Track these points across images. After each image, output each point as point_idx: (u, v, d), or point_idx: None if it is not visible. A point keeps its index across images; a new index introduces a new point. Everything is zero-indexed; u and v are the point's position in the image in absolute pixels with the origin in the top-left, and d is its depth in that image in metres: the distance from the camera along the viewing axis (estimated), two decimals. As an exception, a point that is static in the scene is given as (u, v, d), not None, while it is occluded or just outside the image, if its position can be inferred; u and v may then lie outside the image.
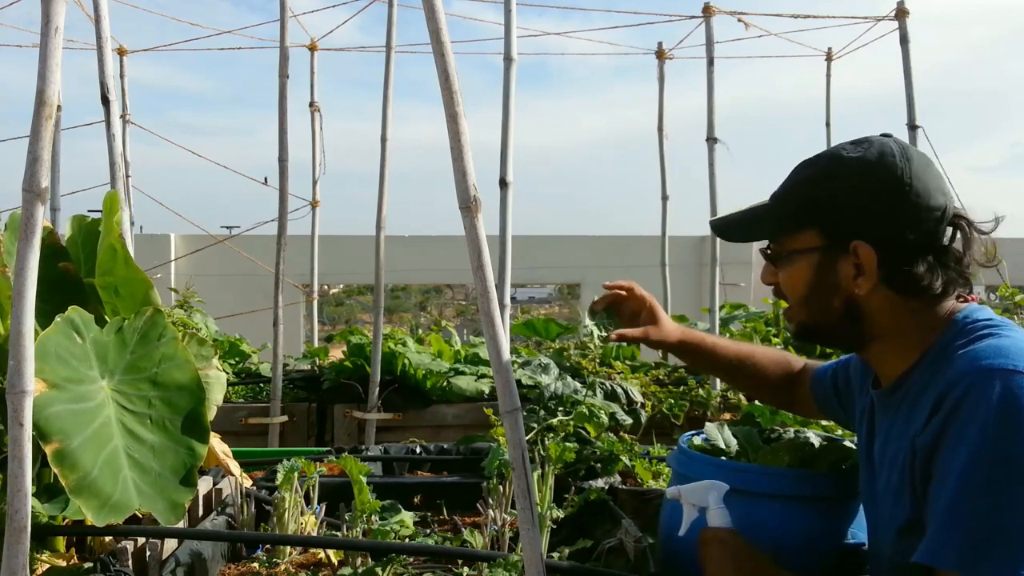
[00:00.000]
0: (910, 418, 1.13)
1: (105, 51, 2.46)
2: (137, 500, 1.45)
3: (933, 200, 1.14)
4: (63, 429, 1.40)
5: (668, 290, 5.13)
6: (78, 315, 1.55)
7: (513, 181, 2.88)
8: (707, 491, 1.35)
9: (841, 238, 1.17)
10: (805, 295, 1.23)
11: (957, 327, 1.14)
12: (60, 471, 1.36)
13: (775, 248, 1.28)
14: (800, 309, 1.26)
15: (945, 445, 1.03)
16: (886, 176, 1.14)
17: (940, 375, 1.09)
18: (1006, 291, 3.97)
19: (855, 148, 1.18)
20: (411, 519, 1.87)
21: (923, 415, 1.08)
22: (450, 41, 1.22)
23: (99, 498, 1.40)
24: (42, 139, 1.17)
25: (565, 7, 4.97)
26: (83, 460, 1.40)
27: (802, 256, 1.22)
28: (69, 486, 1.37)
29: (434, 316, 15.22)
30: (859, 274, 1.16)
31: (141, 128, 5.30)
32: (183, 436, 1.60)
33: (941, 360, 1.12)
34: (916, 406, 1.12)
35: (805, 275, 1.22)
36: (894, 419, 1.19)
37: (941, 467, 1.03)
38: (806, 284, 1.22)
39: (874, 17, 4.65)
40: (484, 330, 1.24)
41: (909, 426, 1.12)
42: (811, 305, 1.24)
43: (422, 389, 3.70)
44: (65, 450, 1.38)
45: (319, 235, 5.16)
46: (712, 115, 3.97)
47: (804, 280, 1.22)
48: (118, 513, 1.41)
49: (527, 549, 1.23)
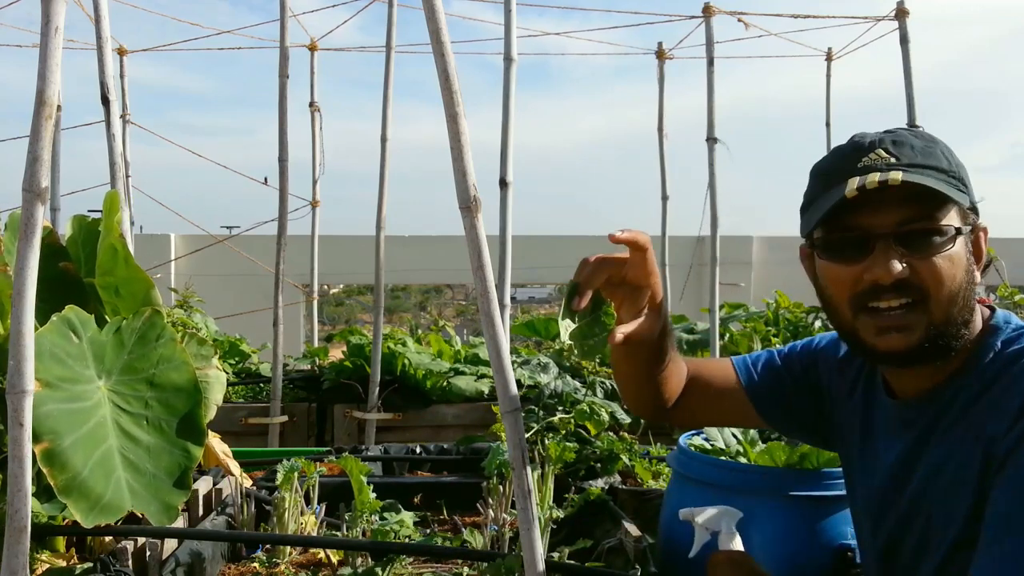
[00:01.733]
0: (967, 424, 1.04)
1: (105, 51, 2.46)
2: (130, 501, 1.45)
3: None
4: (54, 429, 1.39)
5: (668, 290, 5.13)
6: (75, 314, 1.55)
7: (513, 181, 2.88)
8: (720, 516, 1.35)
9: (970, 219, 1.05)
10: (958, 288, 1.03)
11: (1002, 333, 1.06)
12: (49, 471, 1.36)
13: (930, 226, 1.02)
14: (943, 307, 1.03)
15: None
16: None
17: (1005, 380, 1.01)
18: (1006, 291, 3.97)
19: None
20: (411, 519, 1.87)
21: (1004, 421, 0.97)
22: (450, 41, 1.22)
23: (89, 499, 1.40)
24: (42, 139, 1.17)
25: (565, 7, 4.97)
26: (74, 460, 1.40)
27: (959, 237, 1.02)
28: (58, 486, 1.37)
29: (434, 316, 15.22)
30: (976, 261, 1.05)
31: (141, 128, 5.30)
32: (179, 438, 1.60)
33: (997, 366, 1.04)
34: (973, 412, 1.04)
35: (963, 261, 1.03)
36: (931, 427, 1.09)
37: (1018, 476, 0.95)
38: (965, 271, 1.03)
39: (874, 17, 4.65)
40: (484, 330, 1.24)
41: (970, 432, 1.03)
42: (958, 302, 1.03)
43: (422, 389, 3.70)
44: (55, 450, 1.38)
45: (319, 235, 5.16)
46: (712, 115, 3.97)
47: (962, 267, 1.03)
48: (109, 514, 1.41)
49: (527, 549, 1.23)
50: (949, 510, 1.05)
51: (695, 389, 1.41)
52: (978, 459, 1.01)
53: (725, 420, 1.58)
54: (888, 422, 1.19)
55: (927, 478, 1.10)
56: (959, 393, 1.07)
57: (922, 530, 1.10)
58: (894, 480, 1.15)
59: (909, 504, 1.12)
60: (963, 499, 1.03)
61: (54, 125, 1.21)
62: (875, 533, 1.21)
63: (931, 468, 1.09)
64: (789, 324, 4.52)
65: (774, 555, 1.42)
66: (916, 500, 1.11)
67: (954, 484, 1.05)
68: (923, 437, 1.11)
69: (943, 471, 1.07)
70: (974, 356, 1.08)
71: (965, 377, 1.08)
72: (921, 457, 1.11)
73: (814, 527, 1.46)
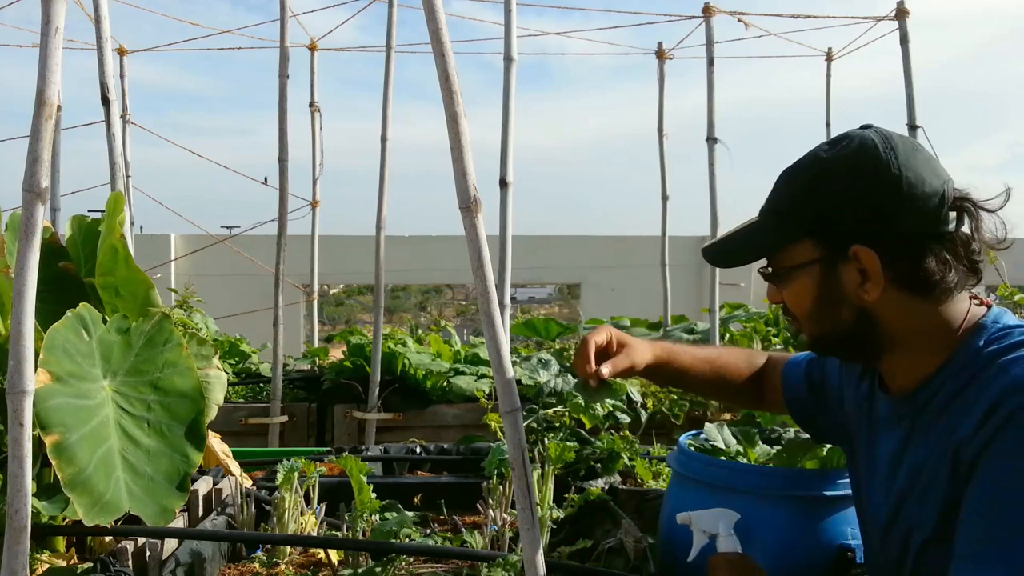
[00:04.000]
0: (943, 425, 1.07)
1: (105, 51, 2.46)
2: (128, 502, 1.46)
3: (928, 186, 1.06)
4: (64, 422, 1.40)
5: (668, 290, 5.13)
6: (88, 312, 1.56)
7: (513, 181, 2.89)
8: (717, 518, 1.36)
9: (839, 245, 1.10)
10: (813, 310, 1.16)
11: (986, 332, 1.08)
12: (58, 464, 1.37)
13: (773, 267, 1.20)
14: (811, 324, 1.19)
15: (996, 456, 0.97)
16: (872, 171, 1.07)
17: (981, 382, 1.04)
18: (1005, 291, 3.96)
19: (833, 148, 1.12)
20: (411, 519, 1.87)
21: (970, 424, 1.01)
22: (450, 41, 1.22)
23: (91, 496, 1.40)
24: (42, 139, 1.17)
25: (565, 7, 4.98)
26: (80, 456, 1.41)
27: (802, 271, 1.15)
28: (65, 480, 1.37)
29: (434, 316, 15.21)
30: (865, 280, 1.09)
31: (141, 128, 5.31)
32: (179, 443, 1.61)
33: (975, 366, 1.06)
34: (947, 413, 1.07)
35: (809, 290, 1.15)
36: (914, 425, 1.13)
37: (989, 479, 0.98)
38: (812, 299, 1.15)
39: (874, 17, 4.65)
40: (484, 330, 1.24)
41: (945, 433, 1.06)
42: (821, 319, 1.17)
43: (422, 389, 3.70)
44: (64, 443, 1.39)
45: (319, 235, 5.16)
46: (712, 115, 3.97)
47: (809, 295, 1.15)
48: (109, 513, 1.42)
49: (527, 549, 1.24)
50: (922, 510, 1.09)
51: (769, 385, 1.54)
52: (947, 462, 1.04)
53: None
54: (885, 416, 1.22)
55: (909, 478, 1.13)
56: (938, 392, 1.10)
57: (905, 528, 1.14)
58: (888, 474, 1.19)
59: (896, 500, 1.16)
60: (933, 502, 1.07)
61: (54, 125, 1.21)
62: (873, 525, 1.24)
63: (912, 468, 1.12)
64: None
65: (774, 555, 1.42)
66: (901, 498, 1.14)
67: (928, 485, 1.08)
68: (908, 435, 1.15)
69: (922, 472, 1.10)
70: (956, 355, 1.09)
71: (943, 377, 1.10)
72: (906, 455, 1.15)
73: (814, 527, 1.46)
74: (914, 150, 1.09)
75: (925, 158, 1.09)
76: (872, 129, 1.12)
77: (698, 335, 4.64)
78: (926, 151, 1.11)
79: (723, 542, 1.33)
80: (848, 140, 1.11)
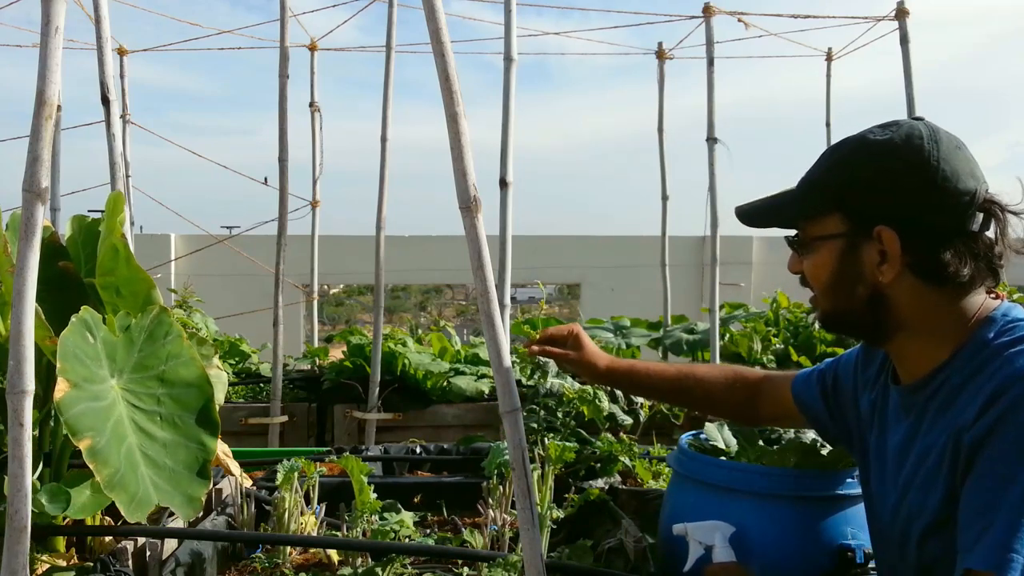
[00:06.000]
0: (950, 414, 1.09)
1: (105, 51, 2.46)
2: (156, 496, 1.47)
3: (962, 183, 1.08)
4: (93, 426, 1.42)
5: (668, 290, 5.14)
6: (90, 315, 1.57)
7: (513, 181, 2.88)
8: (713, 530, 1.37)
9: (865, 223, 1.13)
10: (830, 283, 1.19)
11: (996, 324, 1.10)
12: (95, 467, 1.39)
13: (800, 235, 1.23)
14: (825, 298, 1.21)
15: (998, 443, 0.99)
16: (911, 158, 1.10)
17: (987, 372, 1.06)
18: (1004, 290, 3.96)
19: (883, 131, 1.14)
20: (411, 519, 1.87)
21: (971, 411, 1.04)
22: (450, 41, 1.22)
23: (128, 493, 1.42)
24: (42, 139, 1.17)
25: (565, 7, 4.97)
26: (112, 457, 1.43)
27: (826, 243, 1.18)
28: (104, 482, 1.39)
29: (434, 316, 15.21)
30: (883, 261, 1.12)
31: (141, 128, 5.30)
32: (193, 432, 1.62)
33: (983, 357, 1.08)
34: (954, 402, 1.09)
35: (829, 263, 1.18)
36: (922, 414, 1.15)
37: (991, 467, 1.00)
38: (830, 272, 1.18)
39: (874, 17, 4.65)
40: (484, 330, 1.24)
41: (950, 421, 1.08)
42: (836, 294, 1.19)
43: (422, 389, 3.70)
44: (96, 447, 1.41)
45: (319, 235, 5.16)
46: (712, 115, 3.97)
47: (828, 268, 1.18)
48: (143, 508, 1.44)
49: (527, 549, 1.24)
50: (924, 497, 1.11)
51: (766, 404, 1.57)
52: (949, 450, 1.06)
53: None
54: (895, 407, 1.23)
55: (914, 465, 1.15)
56: (945, 383, 1.12)
57: (906, 515, 1.15)
58: (896, 465, 1.20)
59: (901, 490, 1.17)
60: (935, 489, 1.09)
61: (54, 125, 1.21)
62: (880, 518, 1.25)
63: (918, 457, 1.14)
64: (789, 324, 4.52)
65: (774, 555, 1.42)
66: (905, 487, 1.16)
67: (931, 473, 1.10)
68: (915, 425, 1.17)
69: (926, 460, 1.12)
70: (964, 346, 1.12)
71: (952, 367, 1.12)
72: (913, 445, 1.16)
73: (814, 527, 1.46)
74: (956, 148, 1.12)
75: (966, 158, 1.12)
76: (923, 121, 1.15)
77: (698, 335, 4.64)
78: (969, 152, 1.13)
79: (719, 553, 1.35)
80: (897, 126, 1.14)
